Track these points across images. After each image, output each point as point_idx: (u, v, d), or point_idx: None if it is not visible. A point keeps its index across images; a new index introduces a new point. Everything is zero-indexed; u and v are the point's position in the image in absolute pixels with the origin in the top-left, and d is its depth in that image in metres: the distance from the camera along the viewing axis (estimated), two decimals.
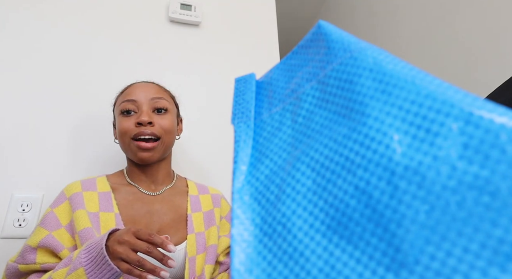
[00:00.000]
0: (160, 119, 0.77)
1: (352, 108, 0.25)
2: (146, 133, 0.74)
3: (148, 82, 0.83)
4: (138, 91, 0.78)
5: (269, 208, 0.26)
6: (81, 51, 1.14)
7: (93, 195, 0.71)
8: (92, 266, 0.53)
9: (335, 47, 0.28)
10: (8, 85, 1.03)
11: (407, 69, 0.23)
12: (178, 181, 0.86)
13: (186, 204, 0.80)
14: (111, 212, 0.70)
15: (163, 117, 0.78)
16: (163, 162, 0.82)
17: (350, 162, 0.23)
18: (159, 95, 0.79)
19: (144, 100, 0.77)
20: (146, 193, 0.77)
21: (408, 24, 1.57)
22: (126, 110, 0.77)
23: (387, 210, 0.20)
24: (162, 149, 0.77)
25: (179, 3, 1.27)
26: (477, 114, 0.19)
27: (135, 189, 0.78)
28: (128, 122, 0.75)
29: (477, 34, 1.17)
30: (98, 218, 0.68)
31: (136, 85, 0.81)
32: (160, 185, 0.81)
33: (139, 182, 0.79)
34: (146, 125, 0.74)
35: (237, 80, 0.37)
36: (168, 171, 0.84)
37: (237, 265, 0.24)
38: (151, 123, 0.75)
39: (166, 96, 0.81)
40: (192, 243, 0.72)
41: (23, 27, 1.12)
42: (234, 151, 0.31)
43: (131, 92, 0.78)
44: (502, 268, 0.16)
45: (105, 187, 0.74)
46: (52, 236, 0.64)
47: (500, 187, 0.17)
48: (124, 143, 0.76)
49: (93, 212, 0.68)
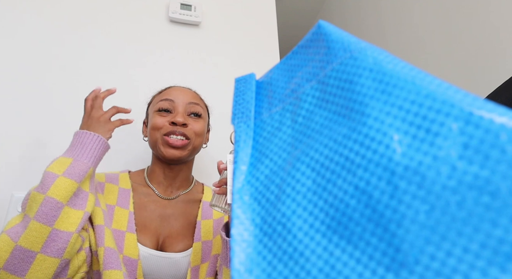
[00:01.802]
0: (194, 123, 0.79)
1: (352, 108, 0.25)
2: (177, 133, 0.76)
3: (186, 87, 0.86)
4: (177, 93, 0.81)
5: (269, 208, 0.26)
6: (81, 51, 1.14)
7: (114, 188, 0.74)
8: (69, 149, 0.62)
9: (335, 47, 0.28)
10: (9, 85, 1.03)
11: (407, 69, 0.23)
12: (195, 186, 0.87)
13: (198, 210, 0.80)
14: (126, 209, 0.71)
15: (196, 121, 0.80)
16: (185, 166, 0.83)
17: (350, 161, 0.23)
18: (195, 101, 0.82)
19: (181, 103, 0.80)
20: (161, 196, 0.78)
21: (409, 23, 1.57)
22: (163, 109, 0.79)
23: (387, 210, 0.20)
24: (191, 150, 0.79)
25: (179, 3, 1.27)
26: (477, 114, 0.19)
27: (151, 191, 0.78)
28: (162, 119, 0.78)
29: (477, 34, 1.17)
30: (113, 211, 0.69)
31: (175, 87, 0.84)
32: (176, 189, 0.82)
33: (157, 184, 0.80)
34: (180, 125, 0.76)
35: (237, 80, 0.37)
36: (187, 176, 0.85)
37: (237, 265, 0.24)
38: (185, 124, 0.77)
39: (201, 103, 0.84)
40: (197, 251, 0.72)
41: (23, 27, 1.12)
42: (234, 151, 0.31)
43: (169, 93, 0.81)
44: (502, 268, 0.16)
45: (126, 184, 0.77)
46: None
47: (500, 187, 0.17)
48: (155, 137, 0.78)
49: (110, 204, 0.70)
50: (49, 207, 0.53)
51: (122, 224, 0.68)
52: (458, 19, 1.27)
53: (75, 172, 0.58)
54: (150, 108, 0.84)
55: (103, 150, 0.65)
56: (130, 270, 0.65)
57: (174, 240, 0.72)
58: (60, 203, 0.55)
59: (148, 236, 0.69)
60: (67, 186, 0.56)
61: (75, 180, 0.57)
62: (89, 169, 0.60)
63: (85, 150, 0.61)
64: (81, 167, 0.59)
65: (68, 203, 0.56)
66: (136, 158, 1.07)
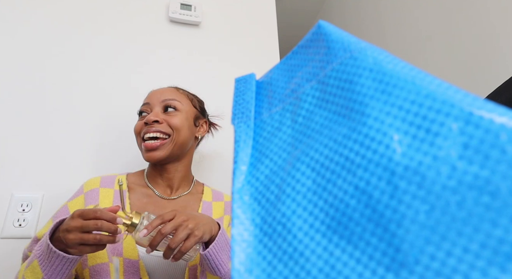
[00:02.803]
0: (169, 118, 0.79)
1: (352, 108, 0.25)
2: (151, 131, 0.76)
3: (166, 87, 0.87)
4: (153, 95, 0.82)
5: (269, 208, 0.26)
6: (81, 51, 1.14)
7: (109, 192, 0.73)
8: (43, 257, 0.56)
9: (335, 47, 0.28)
10: (9, 85, 1.03)
11: (407, 69, 0.23)
12: (195, 187, 0.86)
13: (197, 210, 0.80)
14: (122, 211, 0.71)
15: (172, 115, 0.79)
16: (179, 165, 0.82)
17: (350, 161, 0.23)
18: (170, 97, 0.81)
19: (156, 102, 0.80)
20: (161, 197, 0.78)
21: (409, 23, 1.57)
22: (140, 112, 0.82)
23: (387, 210, 0.20)
24: (172, 146, 0.77)
25: (179, 3, 1.27)
26: (477, 114, 0.19)
27: (151, 191, 0.78)
28: (139, 123, 0.80)
29: (477, 34, 1.17)
30: None
31: (154, 90, 0.86)
32: (176, 189, 0.81)
33: (156, 185, 0.80)
34: (152, 123, 0.76)
35: (237, 80, 0.37)
36: (185, 175, 0.84)
37: (237, 265, 0.24)
38: (157, 121, 0.77)
39: (178, 97, 0.83)
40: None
41: (23, 27, 1.12)
42: (234, 151, 0.31)
43: (147, 97, 0.84)
44: (502, 268, 0.16)
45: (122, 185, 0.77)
46: None
47: (500, 187, 0.17)
48: (138, 143, 0.80)
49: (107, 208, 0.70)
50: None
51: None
52: (458, 19, 1.27)
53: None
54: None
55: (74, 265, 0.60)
56: (133, 272, 0.65)
57: None
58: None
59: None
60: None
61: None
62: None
63: (57, 272, 0.56)
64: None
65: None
66: (136, 159, 1.06)
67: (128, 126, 1.04)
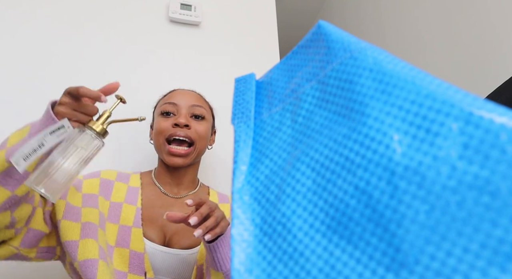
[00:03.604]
0: (197, 125, 0.81)
1: (352, 108, 0.25)
2: (180, 135, 0.77)
3: (190, 90, 0.88)
4: (180, 97, 0.83)
5: (269, 208, 0.26)
6: (81, 51, 1.14)
7: (123, 187, 0.76)
8: (37, 123, 0.58)
9: (335, 47, 0.28)
10: (9, 85, 1.03)
11: (407, 69, 0.23)
12: (201, 188, 0.88)
13: None
14: (134, 206, 0.73)
15: (200, 123, 0.82)
16: (190, 168, 0.84)
17: (350, 161, 0.23)
18: (198, 103, 0.83)
19: (184, 105, 0.81)
20: (168, 195, 0.80)
21: (409, 23, 1.57)
22: (166, 112, 0.81)
23: (387, 210, 0.20)
24: (195, 154, 0.81)
25: (179, 3, 1.27)
26: (477, 114, 0.19)
27: (159, 190, 0.80)
28: (165, 123, 0.79)
29: (477, 34, 1.17)
30: (120, 208, 0.71)
31: (179, 90, 0.86)
32: (183, 189, 0.83)
33: (164, 184, 0.82)
34: (183, 127, 0.78)
35: (237, 80, 0.37)
36: (193, 177, 0.86)
37: (237, 265, 0.24)
38: (187, 126, 0.78)
39: (205, 106, 0.86)
40: (204, 250, 0.73)
41: (23, 27, 1.12)
42: (234, 151, 0.31)
43: (173, 96, 0.83)
44: (502, 268, 0.16)
45: (136, 183, 0.79)
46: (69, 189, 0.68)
47: (500, 187, 0.17)
48: (158, 142, 0.80)
49: (117, 202, 0.72)
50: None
51: (129, 220, 0.69)
52: (458, 19, 1.27)
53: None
54: (155, 112, 0.86)
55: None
56: (138, 264, 0.66)
57: (182, 237, 0.73)
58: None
59: (155, 231, 0.70)
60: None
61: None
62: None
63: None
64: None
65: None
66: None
67: (128, 126, 1.04)
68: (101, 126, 0.58)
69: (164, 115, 0.81)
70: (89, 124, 0.57)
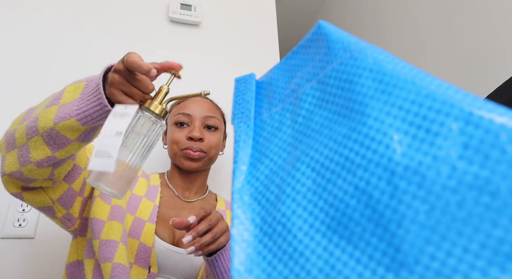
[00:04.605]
0: (210, 136, 0.83)
1: (352, 108, 0.25)
2: (194, 149, 0.80)
3: (205, 100, 0.89)
4: (193, 107, 0.84)
5: (269, 208, 0.26)
6: (81, 51, 1.14)
7: (145, 183, 0.79)
8: (90, 86, 0.54)
9: (335, 47, 0.28)
10: (9, 85, 1.03)
11: (407, 69, 0.23)
12: (209, 195, 0.91)
13: None
14: (152, 202, 0.75)
15: (212, 134, 0.84)
16: (201, 173, 0.87)
17: (350, 162, 0.23)
18: (211, 114, 0.85)
19: (197, 116, 0.83)
20: (180, 198, 0.83)
21: (409, 23, 1.57)
22: (179, 122, 0.83)
23: (387, 210, 0.20)
24: (207, 161, 0.84)
25: (179, 3, 1.27)
26: (477, 114, 0.19)
27: (171, 192, 0.83)
28: (180, 134, 0.82)
29: (477, 34, 1.17)
30: (139, 201, 0.73)
31: (192, 100, 0.87)
32: (193, 194, 0.86)
33: (176, 186, 0.85)
34: (197, 141, 0.80)
35: (237, 80, 0.37)
36: (203, 183, 0.89)
37: (237, 265, 0.24)
38: (201, 139, 0.81)
39: (217, 115, 0.88)
40: None
41: (23, 27, 1.12)
42: (234, 151, 0.31)
43: (186, 106, 0.84)
44: (502, 268, 0.16)
45: (156, 181, 0.82)
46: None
47: (500, 187, 0.17)
48: (173, 151, 0.82)
49: (138, 195, 0.75)
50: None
51: (145, 214, 0.72)
52: (458, 19, 1.27)
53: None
54: (169, 119, 0.88)
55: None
56: (144, 257, 0.67)
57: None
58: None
59: (166, 230, 0.73)
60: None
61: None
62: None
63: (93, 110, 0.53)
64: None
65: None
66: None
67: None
68: (160, 107, 0.50)
69: (178, 125, 0.83)
70: (146, 105, 0.49)
